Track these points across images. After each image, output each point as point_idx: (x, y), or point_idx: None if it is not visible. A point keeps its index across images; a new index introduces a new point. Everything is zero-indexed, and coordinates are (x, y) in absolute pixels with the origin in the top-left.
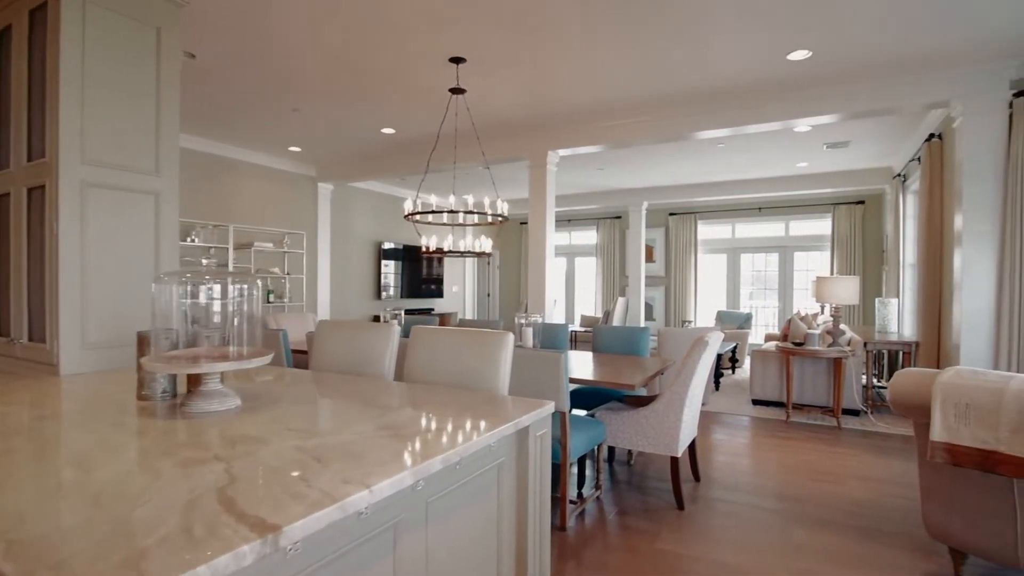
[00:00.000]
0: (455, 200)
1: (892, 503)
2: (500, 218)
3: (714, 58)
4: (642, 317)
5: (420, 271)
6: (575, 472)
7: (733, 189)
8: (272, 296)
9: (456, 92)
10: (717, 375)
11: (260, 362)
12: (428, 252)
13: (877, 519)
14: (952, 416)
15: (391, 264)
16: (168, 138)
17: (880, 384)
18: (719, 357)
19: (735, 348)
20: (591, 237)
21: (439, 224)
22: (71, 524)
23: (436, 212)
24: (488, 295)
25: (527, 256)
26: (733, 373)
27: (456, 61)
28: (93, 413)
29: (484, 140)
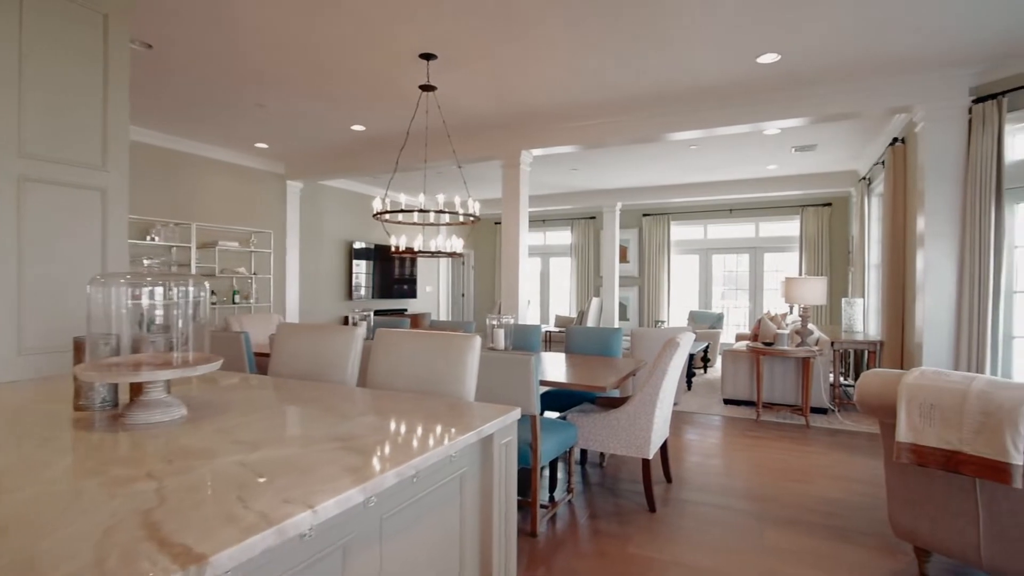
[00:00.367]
0: (425, 199)
1: (859, 501)
2: (472, 218)
3: (686, 59)
4: (616, 317)
5: (393, 271)
6: (547, 475)
7: (705, 191)
8: (238, 297)
9: (426, 89)
10: (689, 375)
11: (206, 369)
12: (398, 252)
13: (845, 517)
14: (917, 417)
15: (363, 264)
16: (116, 131)
17: (847, 382)
18: (691, 357)
19: (707, 348)
20: (565, 237)
21: (409, 224)
22: None
23: (406, 211)
24: (463, 295)
25: (501, 256)
26: (705, 372)
27: (426, 57)
28: (21, 426)
29: (456, 139)
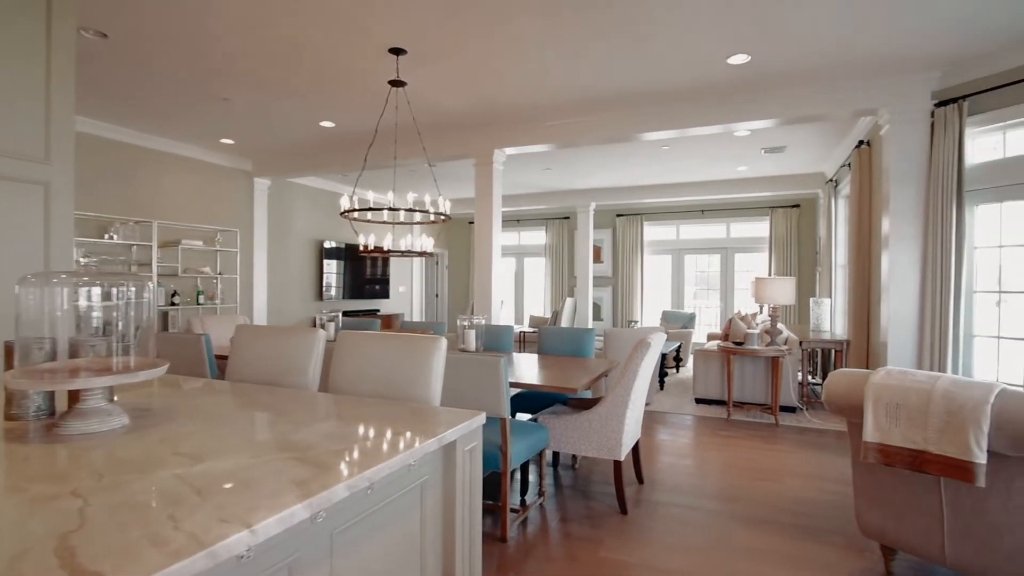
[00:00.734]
0: (394, 198)
1: (827, 500)
2: (442, 217)
3: (659, 58)
4: (590, 317)
5: (364, 271)
6: (519, 478)
7: (677, 191)
8: (203, 297)
9: (396, 84)
10: (662, 374)
11: (149, 375)
12: (366, 251)
13: (814, 516)
14: (884, 416)
15: (334, 264)
16: (61, 122)
17: (815, 381)
18: (663, 356)
19: (679, 347)
20: (540, 237)
21: (379, 222)
22: None
23: (374, 209)
24: (436, 296)
25: (474, 256)
26: (677, 372)
27: (396, 52)
28: None
29: (428, 136)
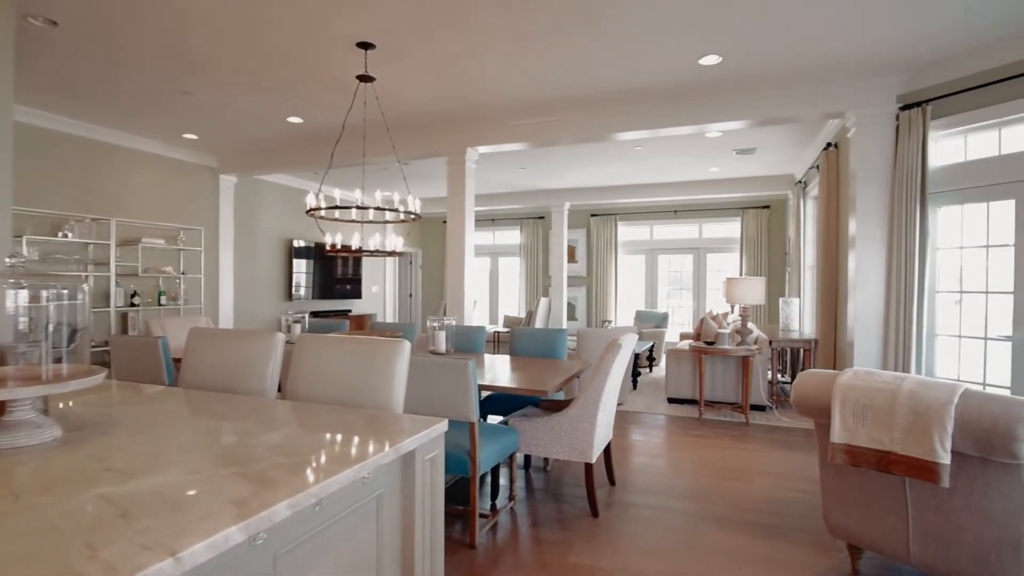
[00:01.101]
0: (362, 196)
1: (796, 499)
2: (412, 216)
3: (630, 57)
4: (564, 317)
5: (336, 271)
6: (489, 481)
7: (651, 192)
8: (164, 298)
9: (364, 80)
10: (635, 374)
11: (81, 384)
12: (334, 251)
13: (783, 515)
14: (851, 417)
15: (304, 263)
16: None
17: (784, 380)
18: (637, 356)
19: (652, 347)
20: (515, 237)
21: (347, 221)
22: None
23: (342, 208)
24: (411, 296)
25: (447, 256)
26: (651, 371)
27: (364, 47)
28: None
29: (399, 134)
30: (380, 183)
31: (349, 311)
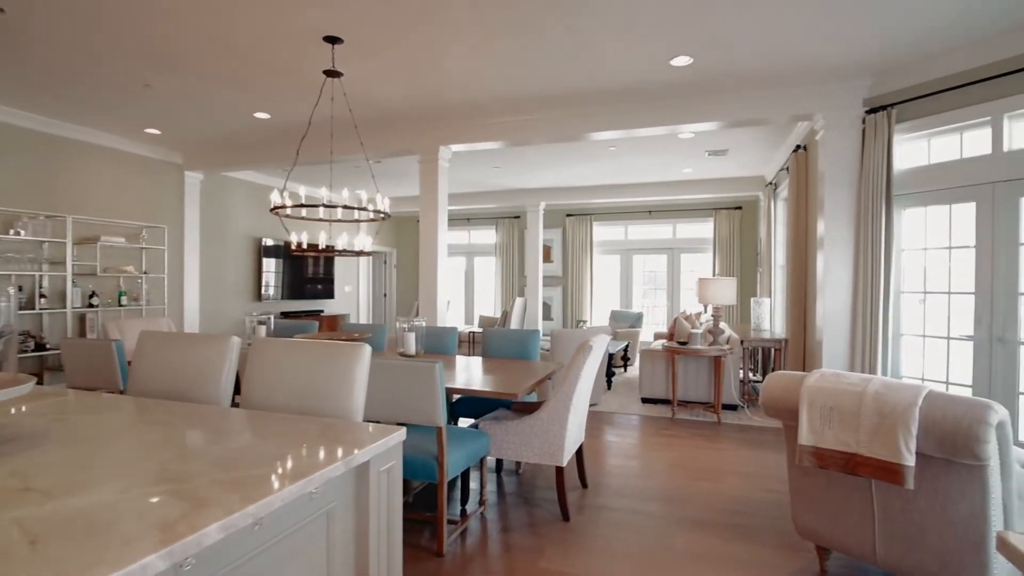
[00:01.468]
0: (329, 194)
1: (766, 499)
2: (382, 215)
3: (604, 57)
4: (540, 317)
5: (307, 270)
6: (459, 486)
7: (625, 192)
8: (125, 298)
9: (331, 75)
10: (609, 374)
11: (7, 395)
12: (299, 250)
13: (752, 516)
14: (818, 419)
15: (273, 262)
16: None
17: (756, 379)
18: (611, 356)
19: (627, 347)
20: (490, 236)
21: (314, 219)
22: None
23: (308, 206)
24: (385, 295)
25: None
26: (625, 371)
27: (331, 41)
28: None
29: (370, 131)
30: (350, 182)
31: (321, 311)
